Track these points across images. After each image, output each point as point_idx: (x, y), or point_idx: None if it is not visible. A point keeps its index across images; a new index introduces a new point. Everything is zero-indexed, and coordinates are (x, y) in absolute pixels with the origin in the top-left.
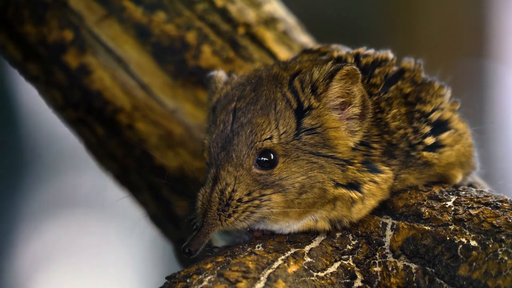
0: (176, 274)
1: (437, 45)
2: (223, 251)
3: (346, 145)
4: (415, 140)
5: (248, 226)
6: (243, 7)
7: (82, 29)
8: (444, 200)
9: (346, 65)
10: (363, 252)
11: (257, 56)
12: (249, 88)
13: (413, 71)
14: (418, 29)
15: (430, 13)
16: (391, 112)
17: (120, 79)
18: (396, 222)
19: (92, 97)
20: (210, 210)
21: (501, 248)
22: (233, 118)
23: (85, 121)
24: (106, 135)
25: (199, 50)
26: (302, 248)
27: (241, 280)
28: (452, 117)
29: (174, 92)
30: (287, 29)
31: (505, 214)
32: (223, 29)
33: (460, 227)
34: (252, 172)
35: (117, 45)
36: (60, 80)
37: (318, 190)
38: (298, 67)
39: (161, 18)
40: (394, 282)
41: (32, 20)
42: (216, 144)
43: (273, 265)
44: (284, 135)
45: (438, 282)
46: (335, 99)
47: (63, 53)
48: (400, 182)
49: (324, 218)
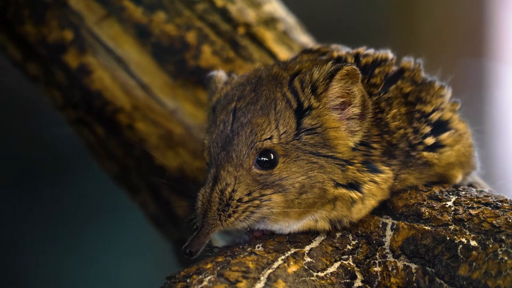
0: (176, 274)
1: (437, 45)
2: (223, 251)
3: (346, 145)
4: (415, 140)
5: (248, 226)
6: (243, 7)
7: (82, 29)
8: (444, 200)
9: (346, 65)
10: (363, 252)
11: (257, 56)
12: (249, 88)
13: (413, 70)
14: (418, 29)
15: (430, 13)
16: (391, 112)
17: (120, 79)
18: (396, 222)
19: (92, 97)
20: (210, 210)
21: (501, 248)
22: (233, 118)
23: (85, 121)
24: (106, 135)
25: (199, 50)
26: (302, 248)
27: (241, 280)
28: (453, 117)
29: (174, 92)
30: (287, 29)
31: (505, 214)
32: (223, 29)
33: (460, 227)
34: (252, 172)
35: (117, 45)
36: (60, 80)
37: (318, 190)
38: (298, 67)
39: (161, 18)
40: (394, 282)
41: (32, 20)
42: (216, 144)
43: (273, 265)
44: (284, 135)
45: (438, 282)
46: (335, 99)
47: (63, 53)
48: (400, 182)
49: (324, 218)
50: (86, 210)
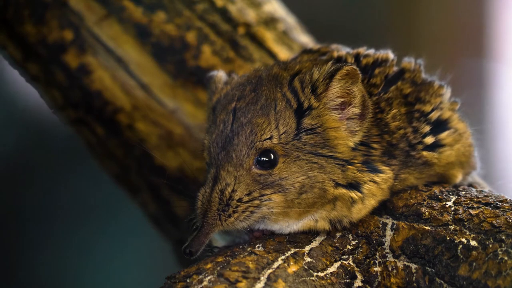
0: (176, 274)
1: (437, 45)
2: (223, 251)
3: (346, 145)
4: (415, 139)
5: (248, 226)
6: (243, 7)
7: (82, 29)
8: (444, 200)
9: (346, 65)
10: (363, 252)
11: (257, 56)
12: (249, 88)
13: (413, 71)
14: (418, 29)
15: (430, 13)
16: (391, 112)
17: (120, 79)
18: (396, 222)
19: (92, 97)
20: (210, 210)
21: (501, 248)
22: (233, 118)
23: (85, 121)
24: (106, 135)
25: (199, 50)
26: (302, 248)
27: (241, 280)
28: (452, 116)
29: (174, 92)
30: (287, 29)
31: (505, 214)
32: (223, 29)
33: (460, 227)
34: (252, 172)
35: (117, 45)
36: (60, 80)
37: (318, 190)
38: (298, 67)
39: (161, 18)
40: (394, 282)
41: (32, 20)
42: (216, 144)
43: (273, 265)
44: (284, 135)
45: (438, 282)
46: (335, 99)
47: (63, 53)
48: (400, 182)
49: (324, 218)
50: (86, 210)
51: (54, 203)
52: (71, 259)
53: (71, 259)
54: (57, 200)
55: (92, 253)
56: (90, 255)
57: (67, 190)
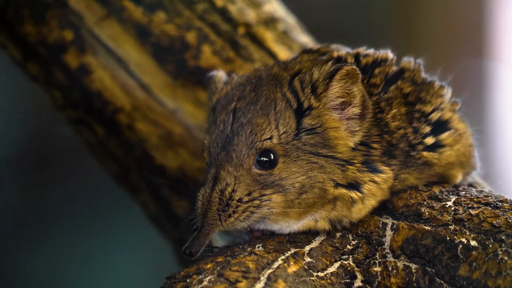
0: (176, 274)
1: (437, 45)
2: (223, 251)
3: (346, 145)
4: (415, 140)
5: (248, 226)
6: (243, 7)
7: (82, 29)
8: (444, 200)
9: (346, 65)
10: (363, 252)
11: (257, 56)
12: (249, 88)
13: (413, 70)
14: (418, 29)
15: (430, 13)
16: (391, 112)
17: (120, 79)
18: (396, 222)
19: (92, 97)
20: (210, 210)
21: (501, 248)
22: (233, 118)
23: (85, 121)
24: (106, 135)
25: (199, 50)
26: (302, 248)
27: (241, 280)
28: (452, 117)
29: (174, 92)
30: (287, 29)
31: (505, 214)
32: (223, 29)
33: (460, 227)
34: (252, 172)
35: (117, 45)
36: (60, 80)
37: (318, 190)
38: (298, 67)
39: (161, 18)
40: (394, 282)
41: (32, 20)
42: (216, 144)
43: (273, 265)
44: (284, 135)
45: (438, 282)
46: (335, 99)
47: (63, 53)
48: (400, 182)
49: (324, 218)
50: (85, 210)
51: (54, 203)
52: (71, 259)
53: (71, 259)
54: (57, 200)
55: (92, 253)
56: (90, 255)
57: (67, 190)
